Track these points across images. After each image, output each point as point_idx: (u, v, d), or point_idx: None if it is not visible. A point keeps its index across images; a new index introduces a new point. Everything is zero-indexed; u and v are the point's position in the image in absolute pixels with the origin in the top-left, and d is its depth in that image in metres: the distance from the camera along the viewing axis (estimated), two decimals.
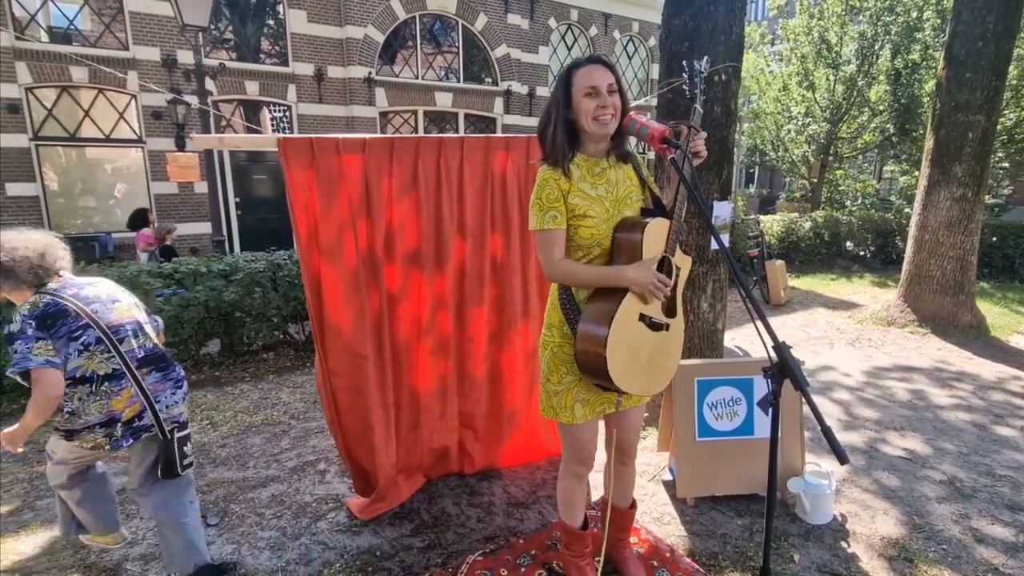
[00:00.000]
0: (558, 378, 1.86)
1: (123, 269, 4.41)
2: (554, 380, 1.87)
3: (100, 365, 1.94)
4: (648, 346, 1.79)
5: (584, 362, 1.77)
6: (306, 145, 2.34)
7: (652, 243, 1.73)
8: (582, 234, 1.75)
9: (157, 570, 2.33)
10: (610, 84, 1.70)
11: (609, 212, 1.77)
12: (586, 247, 1.78)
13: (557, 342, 1.85)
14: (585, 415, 1.86)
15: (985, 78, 5.60)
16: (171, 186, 10.28)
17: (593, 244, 1.77)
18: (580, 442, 1.93)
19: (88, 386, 1.93)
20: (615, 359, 1.68)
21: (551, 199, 1.73)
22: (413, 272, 2.67)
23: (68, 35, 9.76)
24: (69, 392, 1.91)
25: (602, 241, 1.77)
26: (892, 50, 11.56)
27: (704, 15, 3.26)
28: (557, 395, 1.87)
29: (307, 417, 3.91)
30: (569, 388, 1.85)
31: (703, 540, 2.49)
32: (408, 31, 12.43)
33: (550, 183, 1.74)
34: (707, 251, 3.40)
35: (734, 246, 8.38)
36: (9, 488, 3.00)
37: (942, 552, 2.42)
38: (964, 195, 5.80)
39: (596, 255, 1.79)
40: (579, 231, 1.75)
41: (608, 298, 1.74)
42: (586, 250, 1.78)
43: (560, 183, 1.73)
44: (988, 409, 3.98)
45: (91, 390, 1.94)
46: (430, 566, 2.32)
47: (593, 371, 1.75)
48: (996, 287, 8.39)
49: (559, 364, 1.84)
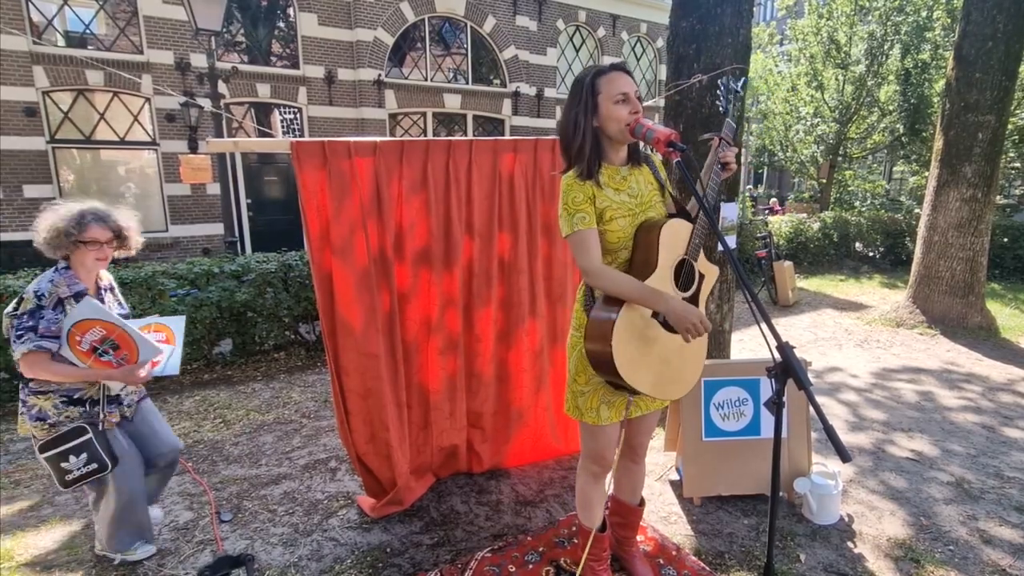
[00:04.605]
0: (585, 379, 1.85)
1: (138, 270, 4.49)
2: (581, 381, 1.87)
3: None
4: (662, 344, 1.76)
5: (593, 355, 1.74)
6: (318, 148, 2.39)
7: (670, 245, 1.72)
8: (609, 238, 1.76)
9: (172, 564, 2.38)
10: (636, 91, 1.73)
11: (636, 216, 1.78)
12: (613, 251, 1.79)
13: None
14: (610, 417, 1.86)
15: (995, 78, 5.57)
16: (184, 188, 10.41)
17: (620, 248, 1.78)
18: (600, 443, 1.92)
19: None
20: (621, 351, 1.65)
21: (578, 203, 1.72)
22: (422, 272, 2.72)
23: (84, 39, 9.92)
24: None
25: (628, 244, 1.78)
26: (902, 50, 11.50)
27: (711, 17, 3.28)
28: (583, 396, 1.87)
29: (318, 416, 3.96)
30: (596, 389, 1.85)
31: (709, 539, 2.51)
32: (417, 33, 12.51)
33: (575, 188, 1.73)
34: (714, 252, 3.42)
35: (741, 247, 8.37)
36: (29, 484, 3.07)
37: (949, 553, 2.43)
38: (974, 195, 5.77)
39: (623, 259, 1.79)
40: (607, 235, 1.76)
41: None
42: (613, 255, 1.79)
43: (585, 188, 1.73)
44: (997, 411, 3.96)
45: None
46: (439, 563, 2.35)
47: (601, 364, 1.72)
48: (1007, 288, 8.32)
49: (587, 365, 1.82)
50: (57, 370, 2.06)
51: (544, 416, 3.11)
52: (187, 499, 2.88)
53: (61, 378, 2.09)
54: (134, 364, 2.19)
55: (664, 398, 1.88)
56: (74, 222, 2.06)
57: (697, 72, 3.24)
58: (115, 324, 2.11)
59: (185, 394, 4.41)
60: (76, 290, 2.11)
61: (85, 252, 2.10)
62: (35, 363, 2.03)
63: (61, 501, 2.88)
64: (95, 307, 2.08)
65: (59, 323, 2.04)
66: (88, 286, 2.18)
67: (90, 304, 2.08)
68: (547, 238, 2.94)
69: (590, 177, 1.73)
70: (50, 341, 2.04)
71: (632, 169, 1.85)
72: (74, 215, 2.08)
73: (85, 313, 2.06)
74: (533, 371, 3.01)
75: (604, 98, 1.71)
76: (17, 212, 9.34)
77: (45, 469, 2.17)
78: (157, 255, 10.13)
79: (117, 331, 2.12)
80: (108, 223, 2.15)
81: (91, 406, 2.21)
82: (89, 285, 2.19)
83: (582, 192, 1.72)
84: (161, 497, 2.75)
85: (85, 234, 2.08)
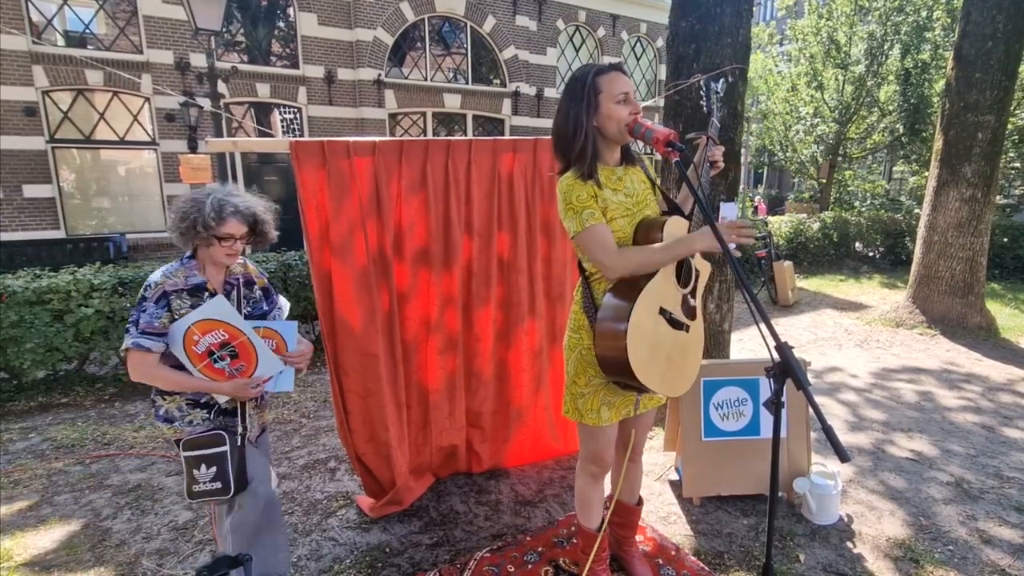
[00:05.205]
0: (585, 380, 1.84)
1: (138, 270, 4.49)
2: (581, 383, 1.85)
3: None
4: (668, 343, 1.76)
5: (604, 357, 1.72)
6: (317, 148, 2.39)
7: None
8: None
9: (172, 564, 2.38)
10: (635, 91, 1.73)
11: (634, 216, 1.78)
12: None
13: (586, 344, 1.81)
14: (611, 417, 1.86)
15: (995, 78, 5.57)
16: (184, 187, 10.39)
17: (621, 246, 1.77)
18: (600, 444, 1.92)
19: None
20: (635, 351, 1.65)
21: (583, 200, 1.69)
22: (422, 271, 2.72)
23: (84, 39, 9.92)
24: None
25: (628, 243, 1.77)
26: (901, 50, 11.51)
27: (711, 17, 3.28)
28: (583, 397, 1.85)
29: (317, 416, 3.96)
30: (596, 391, 1.84)
31: (709, 539, 2.51)
32: (417, 33, 12.51)
33: (577, 187, 1.70)
34: (713, 252, 3.41)
35: (741, 247, 8.36)
36: (28, 484, 3.07)
37: (948, 553, 2.43)
38: (974, 195, 5.77)
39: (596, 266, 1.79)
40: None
41: (626, 292, 1.71)
42: None
43: (587, 188, 1.71)
44: (997, 411, 3.96)
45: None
46: (438, 563, 2.35)
47: (614, 366, 1.70)
48: (1007, 288, 8.32)
49: (587, 366, 1.82)
50: (159, 374, 1.82)
51: (543, 416, 3.11)
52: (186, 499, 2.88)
53: (161, 383, 1.84)
54: (247, 378, 1.92)
55: (671, 395, 1.86)
56: (213, 214, 1.81)
57: (697, 72, 3.24)
58: (241, 330, 1.87)
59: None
60: (193, 283, 1.87)
61: (217, 247, 1.86)
62: (137, 363, 1.80)
63: (60, 501, 2.88)
64: (225, 307, 1.85)
65: (161, 319, 1.80)
66: (212, 280, 1.93)
67: (220, 303, 1.85)
68: (546, 237, 2.94)
69: (591, 177, 1.71)
70: (150, 339, 1.79)
71: (627, 169, 1.85)
72: (213, 206, 1.83)
73: (211, 312, 1.83)
74: (532, 371, 3.02)
75: (605, 97, 1.70)
76: (17, 212, 9.35)
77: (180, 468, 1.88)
78: (157, 255, 10.14)
79: (241, 338, 1.88)
80: (245, 215, 1.90)
81: (216, 414, 1.95)
82: (215, 280, 1.95)
83: (585, 191, 1.70)
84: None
85: (222, 229, 1.84)
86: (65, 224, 9.75)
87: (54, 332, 3.99)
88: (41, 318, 3.95)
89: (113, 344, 4.25)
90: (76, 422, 3.86)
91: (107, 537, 2.57)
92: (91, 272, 4.28)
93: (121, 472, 3.18)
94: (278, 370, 2.00)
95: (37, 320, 3.93)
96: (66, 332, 4.03)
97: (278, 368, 1.99)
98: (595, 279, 1.82)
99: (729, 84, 3.32)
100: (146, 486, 3.02)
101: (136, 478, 3.10)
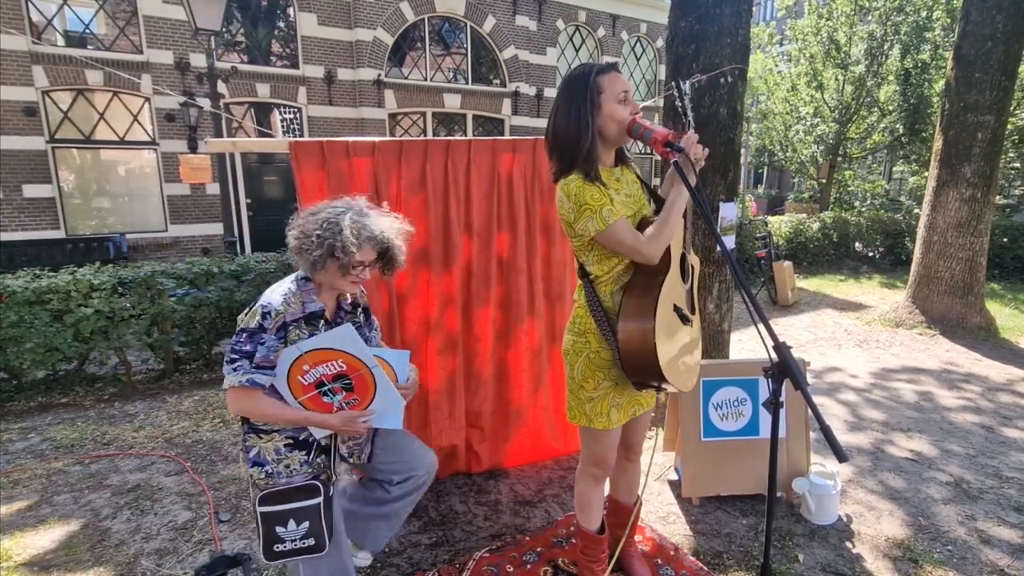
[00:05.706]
0: (594, 384, 1.81)
1: (137, 270, 4.49)
2: (589, 387, 1.81)
3: None
4: (681, 338, 1.79)
5: (631, 359, 1.70)
6: (317, 148, 2.40)
7: (675, 242, 1.75)
8: None
9: (171, 564, 2.38)
10: (634, 91, 1.73)
11: (634, 216, 1.78)
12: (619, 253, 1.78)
13: (594, 348, 1.78)
14: (620, 419, 1.84)
15: (994, 78, 5.57)
16: (183, 187, 10.42)
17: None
18: (604, 447, 1.90)
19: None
20: (663, 349, 1.65)
21: (597, 199, 1.65)
22: (421, 271, 2.72)
23: (83, 39, 9.92)
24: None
25: None
26: (901, 50, 11.51)
27: (710, 17, 3.28)
28: (592, 402, 1.82)
29: None
30: (606, 394, 1.81)
31: (708, 539, 2.51)
32: (417, 33, 12.51)
33: (586, 187, 1.65)
34: (713, 252, 3.42)
35: (741, 247, 8.37)
36: (28, 484, 3.07)
37: (947, 553, 2.43)
38: (973, 196, 5.77)
39: (629, 259, 1.77)
40: None
41: (643, 292, 1.70)
42: (619, 256, 1.75)
43: (596, 187, 1.68)
44: (996, 411, 3.96)
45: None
46: (437, 563, 2.35)
47: (642, 365, 1.68)
48: (1007, 288, 8.32)
49: (595, 370, 1.79)
50: (265, 408, 1.64)
51: (543, 416, 3.11)
52: (185, 499, 2.88)
53: (264, 417, 1.67)
54: (357, 411, 1.74)
55: (686, 389, 1.87)
56: (352, 241, 1.60)
57: (696, 72, 3.24)
58: (363, 362, 1.68)
59: (184, 394, 4.41)
60: (310, 310, 1.68)
61: (345, 276, 1.67)
62: (243, 398, 1.61)
63: (60, 501, 2.89)
64: (352, 337, 1.66)
65: (278, 352, 1.62)
66: (327, 305, 1.74)
67: (348, 333, 1.65)
68: (546, 238, 2.94)
69: (597, 178, 1.68)
70: (264, 375, 1.61)
71: (623, 169, 1.85)
72: (352, 229, 1.61)
73: (337, 342, 1.65)
74: (532, 371, 3.02)
75: (607, 97, 1.67)
76: (17, 212, 9.35)
77: (256, 525, 1.69)
78: (156, 255, 10.14)
79: (361, 370, 1.69)
80: (380, 241, 1.70)
81: (316, 454, 1.76)
82: (329, 304, 1.76)
83: (596, 190, 1.66)
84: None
85: (355, 257, 1.62)
86: (65, 224, 9.75)
87: (54, 332, 3.99)
88: (41, 318, 3.95)
89: (113, 344, 4.26)
90: (76, 422, 3.86)
91: (106, 537, 2.57)
92: (91, 272, 4.28)
93: (120, 472, 3.18)
94: (397, 405, 1.81)
95: (37, 320, 3.93)
96: (66, 332, 4.03)
97: (397, 403, 1.81)
98: (600, 282, 1.78)
99: (729, 84, 3.33)
100: (145, 486, 3.02)
101: (135, 478, 3.11)
